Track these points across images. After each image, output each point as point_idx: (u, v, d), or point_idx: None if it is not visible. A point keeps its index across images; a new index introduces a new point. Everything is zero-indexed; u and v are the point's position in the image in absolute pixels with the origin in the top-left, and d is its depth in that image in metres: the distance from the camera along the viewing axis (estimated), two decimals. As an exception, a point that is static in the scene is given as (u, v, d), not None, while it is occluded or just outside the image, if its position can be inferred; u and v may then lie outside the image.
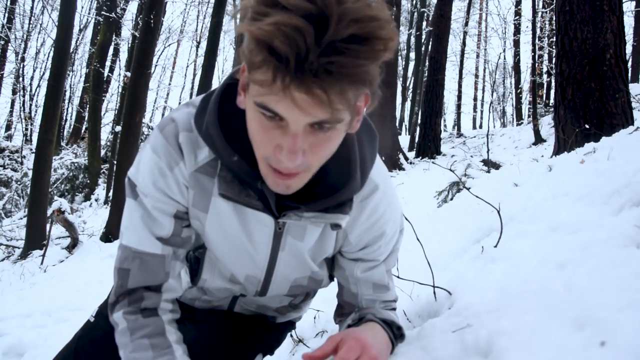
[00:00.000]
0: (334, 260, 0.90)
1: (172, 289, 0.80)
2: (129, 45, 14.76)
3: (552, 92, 11.55)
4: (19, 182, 9.79)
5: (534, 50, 10.89)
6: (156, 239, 0.77)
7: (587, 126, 3.15)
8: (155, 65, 20.82)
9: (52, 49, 8.09)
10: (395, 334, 0.82)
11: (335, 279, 0.94)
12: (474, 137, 11.60)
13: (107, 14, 9.51)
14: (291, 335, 1.66)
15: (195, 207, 0.77)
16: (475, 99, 24.27)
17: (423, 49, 15.19)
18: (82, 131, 14.93)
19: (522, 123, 13.68)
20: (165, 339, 0.77)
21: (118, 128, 8.18)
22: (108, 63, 12.05)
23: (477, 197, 1.72)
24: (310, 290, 0.97)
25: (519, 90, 15.18)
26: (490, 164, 5.95)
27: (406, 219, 1.04)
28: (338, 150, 0.66)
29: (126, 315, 0.77)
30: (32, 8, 17.53)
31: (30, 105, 17.64)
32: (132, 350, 0.75)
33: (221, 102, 0.71)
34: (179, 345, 0.78)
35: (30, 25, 17.59)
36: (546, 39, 12.55)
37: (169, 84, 26.15)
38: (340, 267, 0.89)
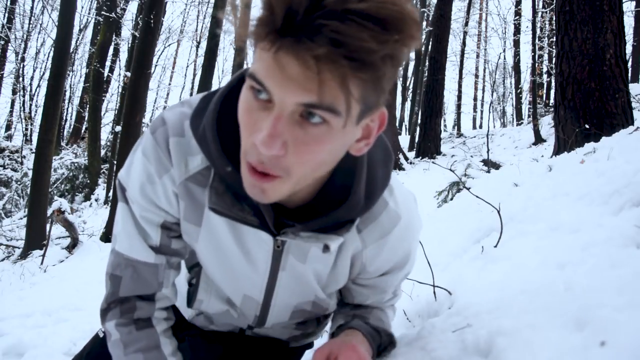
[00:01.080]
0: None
1: (166, 297, 0.77)
2: (129, 45, 14.77)
3: (552, 92, 11.55)
4: (19, 182, 9.80)
5: (534, 50, 10.90)
6: (149, 247, 0.72)
7: (587, 126, 3.15)
8: (155, 65, 20.81)
9: (52, 49, 8.09)
10: (384, 340, 0.80)
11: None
12: (474, 137, 11.60)
13: (107, 14, 9.52)
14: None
15: (186, 220, 0.70)
16: (475, 99, 24.28)
17: (423, 49, 15.18)
18: (82, 131, 14.93)
19: (522, 123, 13.69)
20: (160, 352, 0.74)
21: (118, 128, 8.18)
22: (108, 63, 12.06)
23: (477, 197, 1.72)
24: (317, 316, 0.90)
25: (519, 90, 15.19)
26: (490, 164, 5.95)
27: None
28: (343, 166, 0.60)
29: (119, 327, 0.74)
30: (32, 8, 17.53)
31: (30, 105, 17.64)
32: None
33: (223, 104, 0.63)
34: (174, 357, 0.76)
35: (30, 25, 17.59)
36: (546, 39, 12.55)
37: (169, 84, 26.13)
38: (346, 288, 0.84)
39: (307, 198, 0.66)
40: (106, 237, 5.90)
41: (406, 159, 8.83)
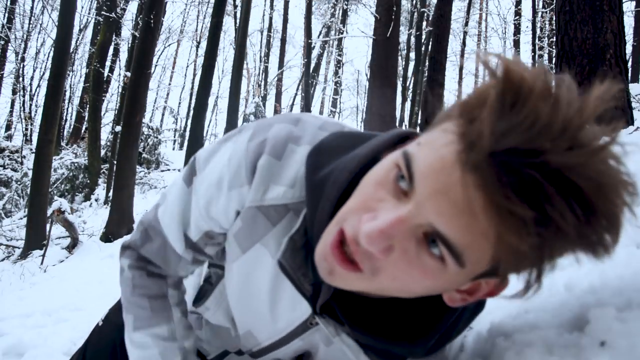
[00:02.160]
0: None
1: (179, 281, 0.77)
2: (129, 45, 14.77)
3: (552, 92, 11.52)
4: (19, 182, 9.79)
5: (534, 50, 10.90)
6: (183, 236, 0.67)
7: (587, 126, 3.15)
8: (155, 65, 20.82)
9: (52, 49, 8.09)
10: None
11: None
12: (474, 137, 11.62)
13: (107, 14, 9.52)
14: None
15: (235, 239, 0.63)
16: (475, 99, 24.25)
17: (423, 49, 15.19)
18: (82, 131, 14.93)
19: (522, 123, 13.69)
20: (166, 301, 0.73)
21: (118, 128, 8.18)
22: (108, 63, 12.06)
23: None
24: None
25: (519, 90, 15.18)
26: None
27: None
28: (434, 301, 0.53)
29: (132, 269, 0.73)
30: (32, 8, 17.54)
31: (30, 105, 17.64)
32: (132, 303, 0.74)
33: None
34: (178, 308, 0.75)
35: (30, 25, 17.60)
36: (546, 39, 12.56)
37: (169, 84, 26.15)
38: None
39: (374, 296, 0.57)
40: (106, 237, 5.90)
41: (406, 159, 8.84)
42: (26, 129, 16.00)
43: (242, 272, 0.64)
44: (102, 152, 10.89)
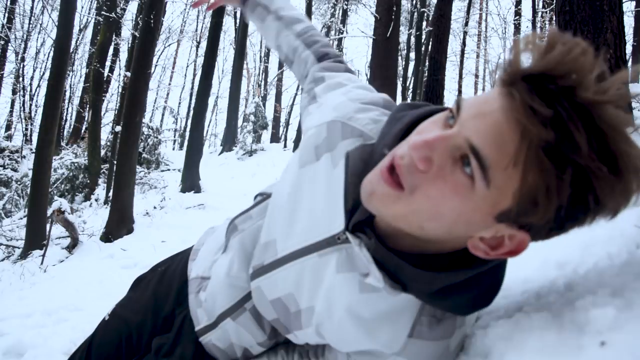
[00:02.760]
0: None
1: None
2: (129, 45, 14.78)
3: (552, 92, 11.51)
4: (19, 182, 9.80)
5: (534, 50, 10.92)
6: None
7: (587, 126, 3.15)
8: (155, 65, 20.85)
9: (52, 49, 8.09)
10: None
11: None
12: (474, 137, 11.60)
13: (107, 14, 9.52)
14: None
15: (315, 147, 0.69)
16: (475, 99, 24.25)
17: (423, 49, 15.20)
18: (82, 131, 14.94)
19: (522, 123, 13.68)
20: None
21: (118, 128, 8.18)
22: (108, 63, 12.05)
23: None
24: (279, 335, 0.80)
25: (519, 90, 15.18)
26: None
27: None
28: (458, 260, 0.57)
29: None
30: (32, 8, 17.55)
31: (30, 105, 17.65)
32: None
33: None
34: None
35: (30, 25, 17.60)
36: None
37: (169, 84, 26.17)
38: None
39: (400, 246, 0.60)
40: (106, 237, 5.90)
41: (406, 159, 8.84)
42: (26, 129, 16.01)
43: (304, 178, 0.69)
44: (102, 152, 10.89)
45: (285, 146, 17.27)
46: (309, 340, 0.72)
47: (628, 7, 11.17)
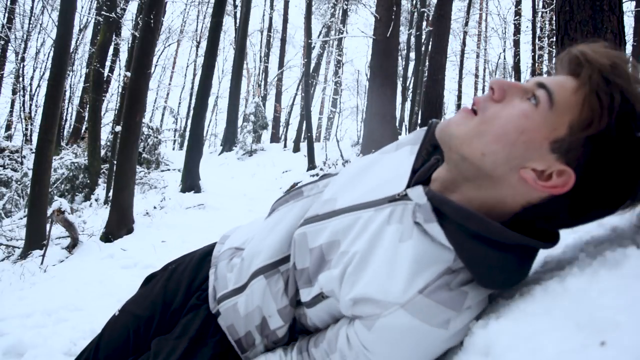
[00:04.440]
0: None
1: None
2: (129, 45, 14.77)
3: (552, 92, 11.48)
4: (19, 182, 9.80)
5: (534, 50, 10.90)
6: None
7: (587, 126, 3.15)
8: (155, 65, 20.85)
9: (52, 49, 8.09)
10: None
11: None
12: (474, 137, 11.58)
13: (107, 14, 9.52)
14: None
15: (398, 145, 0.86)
16: (475, 99, 24.24)
17: (423, 49, 15.19)
18: (82, 131, 14.94)
19: (522, 123, 13.66)
20: None
21: (118, 128, 8.18)
22: (108, 63, 12.05)
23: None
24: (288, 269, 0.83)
25: (519, 90, 15.17)
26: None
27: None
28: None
29: None
30: (32, 8, 17.56)
31: (30, 105, 17.65)
32: None
33: None
34: None
35: (30, 25, 17.61)
36: (546, 39, 12.56)
37: (169, 84, 26.17)
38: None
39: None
40: (106, 237, 5.90)
41: (406, 159, 8.83)
42: (26, 129, 16.01)
43: (380, 159, 0.83)
44: (102, 152, 10.89)
45: (285, 146, 17.25)
46: (325, 285, 0.74)
47: (628, 7, 11.17)
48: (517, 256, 0.66)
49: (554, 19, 3.88)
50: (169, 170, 12.88)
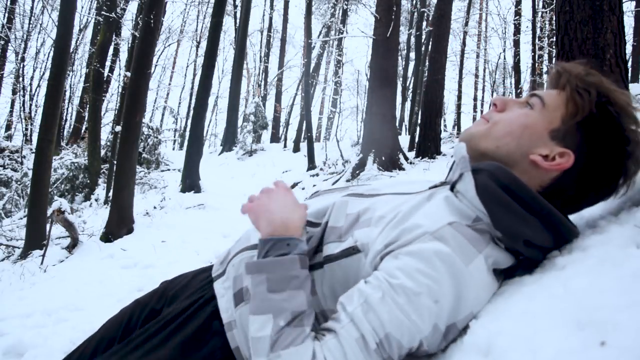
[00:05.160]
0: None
1: None
2: (129, 45, 14.77)
3: (552, 92, 11.45)
4: (19, 182, 9.80)
5: (534, 50, 10.90)
6: None
7: (587, 126, 3.14)
8: (155, 65, 20.85)
9: (52, 49, 8.09)
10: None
11: None
12: (474, 137, 11.56)
13: (107, 14, 9.52)
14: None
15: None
16: (475, 99, 24.27)
17: (423, 49, 15.19)
18: (82, 131, 14.94)
19: (522, 123, 13.63)
20: None
21: (118, 128, 8.18)
22: (108, 63, 12.05)
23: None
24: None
25: (519, 90, 15.18)
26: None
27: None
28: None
29: None
30: (32, 8, 17.56)
31: (30, 105, 17.66)
32: None
33: None
34: None
35: (30, 25, 17.61)
36: (546, 39, 12.55)
37: (169, 84, 26.17)
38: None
39: None
40: (106, 237, 5.90)
41: (406, 159, 8.83)
42: (26, 129, 16.01)
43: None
44: (102, 152, 10.89)
45: (285, 146, 17.24)
46: (361, 238, 0.77)
47: (628, 7, 11.17)
48: (537, 218, 0.73)
49: (554, 19, 3.88)
50: (169, 170, 12.88)
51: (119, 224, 6.05)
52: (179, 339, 0.85)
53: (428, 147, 9.34)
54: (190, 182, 9.08)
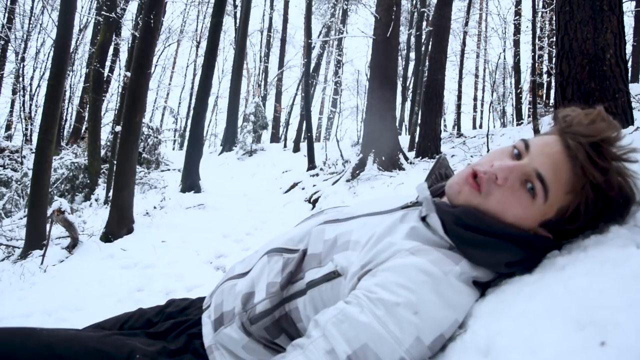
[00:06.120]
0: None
1: None
2: (129, 45, 14.76)
3: (552, 92, 11.53)
4: (19, 182, 9.79)
5: (534, 50, 10.88)
6: None
7: (587, 126, 3.14)
8: (155, 65, 20.84)
9: (52, 49, 8.09)
10: None
11: None
12: (474, 137, 11.59)
13: (107, 14, 9.51)
14: None
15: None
16: (475, 99, 24.28)
17: (423, 49, 15.18)
18: (82, 131, 14.94)
19: (522, 123, 13.68)
20: None
21: (118, 128, 8.17)
22: (108, 63, 12.04)
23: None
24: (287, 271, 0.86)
25: (519, 90, 15.19)
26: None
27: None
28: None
29: None
30: (32, 8, 17.55)
31: (30, 105, 17.65)
32: None
33: None
34: None
35: (30, 25, 17.60)
36: (546, 39, 12.55)
37: (169, 84, 26.16)
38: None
39: None
40: (106, 237, 5.90)
41: (406, 159, 8.83)
42: (26, 129, 16.01)
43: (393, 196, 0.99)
44: (102, 152, 10.88)
45: (285, 146, 17.24)
46: (340, 262, 0.79)
47: (628, 7, 11.18)
48: (514, 244, 0.74)
49: (554, 19, 3.88)
50: (169, 170, 12.88)
51: (119, 224, 6.05)
52: (164, 344, 0.93)
53: (428, 147, 9.34)
54: (190, 182, 9.08)
